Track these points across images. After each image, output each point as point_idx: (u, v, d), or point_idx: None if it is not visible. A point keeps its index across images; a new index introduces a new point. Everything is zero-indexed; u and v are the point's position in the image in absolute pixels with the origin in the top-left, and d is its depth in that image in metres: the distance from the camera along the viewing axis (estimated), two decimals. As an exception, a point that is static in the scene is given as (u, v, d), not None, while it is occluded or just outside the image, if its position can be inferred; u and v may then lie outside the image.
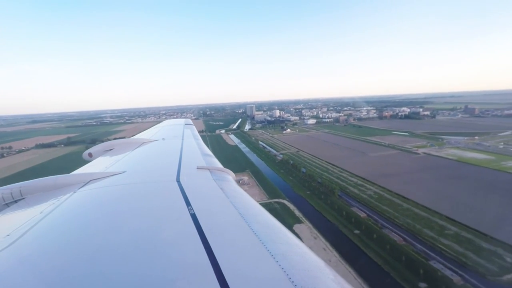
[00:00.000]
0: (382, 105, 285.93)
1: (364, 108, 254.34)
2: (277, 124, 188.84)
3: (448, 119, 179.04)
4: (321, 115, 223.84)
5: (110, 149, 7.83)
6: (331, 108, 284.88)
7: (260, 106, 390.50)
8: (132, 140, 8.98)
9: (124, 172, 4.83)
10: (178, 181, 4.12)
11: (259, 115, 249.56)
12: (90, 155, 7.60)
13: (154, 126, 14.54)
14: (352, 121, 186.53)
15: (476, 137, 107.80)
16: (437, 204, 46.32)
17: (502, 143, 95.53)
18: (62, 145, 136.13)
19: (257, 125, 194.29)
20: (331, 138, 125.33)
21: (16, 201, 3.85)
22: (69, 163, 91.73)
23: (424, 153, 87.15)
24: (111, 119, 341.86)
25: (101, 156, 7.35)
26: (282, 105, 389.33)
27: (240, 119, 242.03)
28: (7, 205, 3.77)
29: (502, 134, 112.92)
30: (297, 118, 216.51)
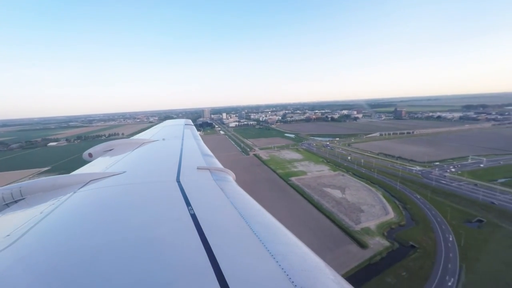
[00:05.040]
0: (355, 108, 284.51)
1: (313, 112, 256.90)
2: (205, 126, 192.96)
3: (367, 121, 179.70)
4: (261, 118, 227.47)
5: (110, 149, 7.88)
6: (289, 112, 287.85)
7: (243, 109, 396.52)
8: (132, 140, 9.09)
9: (124, 172, 4.83)
10: (178, 181, 4.14)
11: (204, 118, 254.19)
12: (90, 155, 7.52)
13: (154, 126, 14.61)
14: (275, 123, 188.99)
15: (337, 139, 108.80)
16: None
17: (347, 144, 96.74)
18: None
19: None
20: (218, 139, 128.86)
21: (16, 201, 3.82)
22: None
23: (255, 154, 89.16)
24: (77, 123, 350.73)
25: (101, 156, 7.37)
26: (273, 108, 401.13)
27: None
28: (7, 205, 3.73)
29: (369, 135, 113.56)
30: (232, 120, 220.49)
